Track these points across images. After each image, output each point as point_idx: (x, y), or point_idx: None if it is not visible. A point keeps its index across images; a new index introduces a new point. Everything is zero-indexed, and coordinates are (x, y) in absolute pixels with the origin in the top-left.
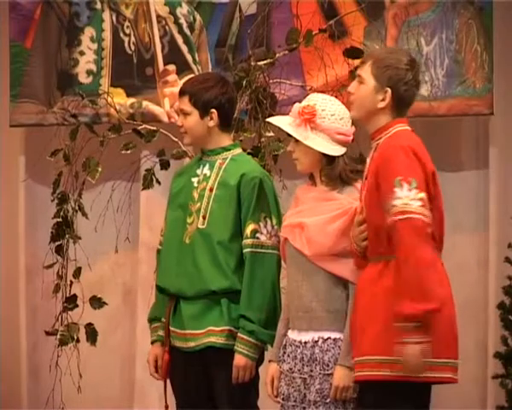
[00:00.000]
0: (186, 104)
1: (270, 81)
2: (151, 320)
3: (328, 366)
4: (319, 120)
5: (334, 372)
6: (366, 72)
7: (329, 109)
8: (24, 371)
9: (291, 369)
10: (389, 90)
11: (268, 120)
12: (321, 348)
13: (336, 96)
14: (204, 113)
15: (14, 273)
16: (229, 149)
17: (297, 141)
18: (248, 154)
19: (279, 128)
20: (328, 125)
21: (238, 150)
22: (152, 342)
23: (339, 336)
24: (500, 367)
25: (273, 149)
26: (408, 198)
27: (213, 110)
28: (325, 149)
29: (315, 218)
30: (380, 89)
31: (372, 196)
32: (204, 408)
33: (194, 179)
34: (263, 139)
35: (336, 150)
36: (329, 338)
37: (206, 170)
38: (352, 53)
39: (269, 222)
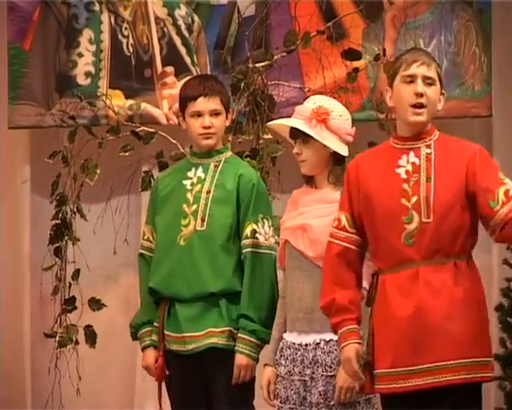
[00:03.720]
0: (218, 104)
1: (269, 83)
2: (141, 325)
3: (330, 367)
4: (332, 120)
5: (337, 373)
6: (435, 74)
7: (337, 110)
8: (27, 373)
9: (289, 372)
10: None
11: (279, 121)
12: (323, 350)
13: (335, 98)
14: (227, 113)
15: (18, 274)
16: (222, 152)
17: (305, 142)
18: (246, 156)
19: (296, 129)
20: (338, 125)
21: (229, 153)
22: (145, 348)
23: None
24: (498, 369)
25: (271, 151)
26: None
27: (231, 110)
28: (339, 149)
29: (319, 219)
30: (441, 92)
31: (456, 196)
32: (202, 409)
33: (187, 182)
34: (261, 141)
35: (346, 150)
36: (331, 340)
37: (200, 173)
38: (351, 55)
39: (266, 223)
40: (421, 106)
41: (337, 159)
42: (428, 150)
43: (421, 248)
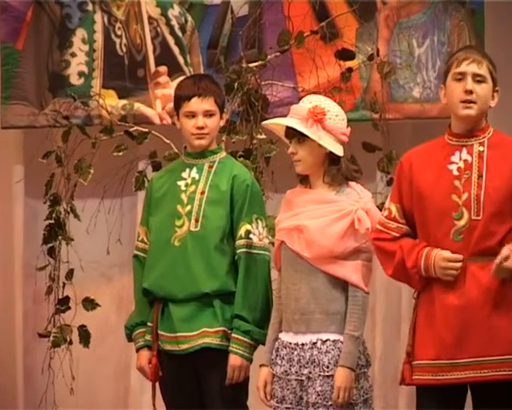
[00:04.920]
0: (212, 105)
1: (262, 83)
2: (135, 326)
3: (328, 367)
4: (328, 120)
5: (335, 374)
6: (486, 72)
7: (333, 110)
8: (19, 373)
9: (286, 371)
10: (498, 90)
11: (275, 120)
12: (320, 349)
13: (328, 98)
14: (221, 113)
15: (10, 275)
16: (217, 153)
17: (300, 142)
18: (240, 156)
19: (292, 128)
20: (334, 125)
21: (223, 153)
22: (139, 348)
23: (338, 338)
24: None
25: (265, 151)
26: None
27: (226, 110)
28: (335, 149)
29: (315, 220)
30: (493, 89)
31: (506, 195)
32: (195, 409)
33: (181, 183)
34: (255, 141)
35: (341, 150)
36: (328, 340)
37: (194, 173)
38: (344, 55)
39: (260, 223)
40: (470, 102)
41: (332, 159)
42: (481, 148)
43: (470, 245)
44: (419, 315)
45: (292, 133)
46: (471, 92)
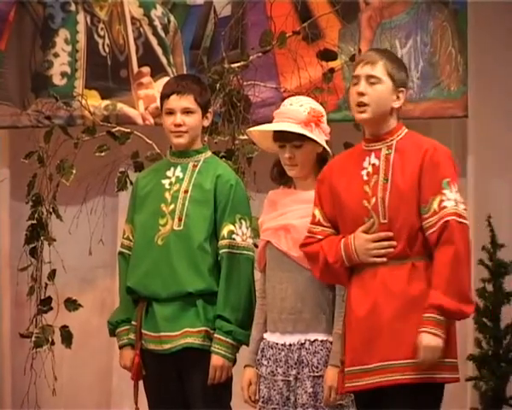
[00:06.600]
0: (192, 103)
1: (244, 83)
2: (120, 322)
3: (317, 368)
4: (324, 123)
5: (325, 373)
6: (381, 72)
7: (323, 111)
8: (7, 374)
9: (272, 372)
10: (404, 90)
11: (274, 126)
12: (308, 350)
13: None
14: (204, 112)
15: None
16: (202, 152)
17: (297, 146)
18: (222, 157)
19: (289, 133)
20: (326, 127)
21: (209, 153)
22: (122, 346)
23: (326, 338)
24: (474, 370)
25: (247, 151)
26: (456, 200)
27: (210, 110)
28: (329, 150)
29: (302, 220)
30: (395, 89)
31: (409, 197)
32: (178, 409)
33: (165, 181)
34: (237, 142)
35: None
36: (316, 340)
37: (179, 172)
38: (326, 55)
39: (244, 224)
40: (362, 104)
41: (322, 159)
42: (388, 151)
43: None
44: (345, 322)
45: (287, 138)
46: (362, 94)
